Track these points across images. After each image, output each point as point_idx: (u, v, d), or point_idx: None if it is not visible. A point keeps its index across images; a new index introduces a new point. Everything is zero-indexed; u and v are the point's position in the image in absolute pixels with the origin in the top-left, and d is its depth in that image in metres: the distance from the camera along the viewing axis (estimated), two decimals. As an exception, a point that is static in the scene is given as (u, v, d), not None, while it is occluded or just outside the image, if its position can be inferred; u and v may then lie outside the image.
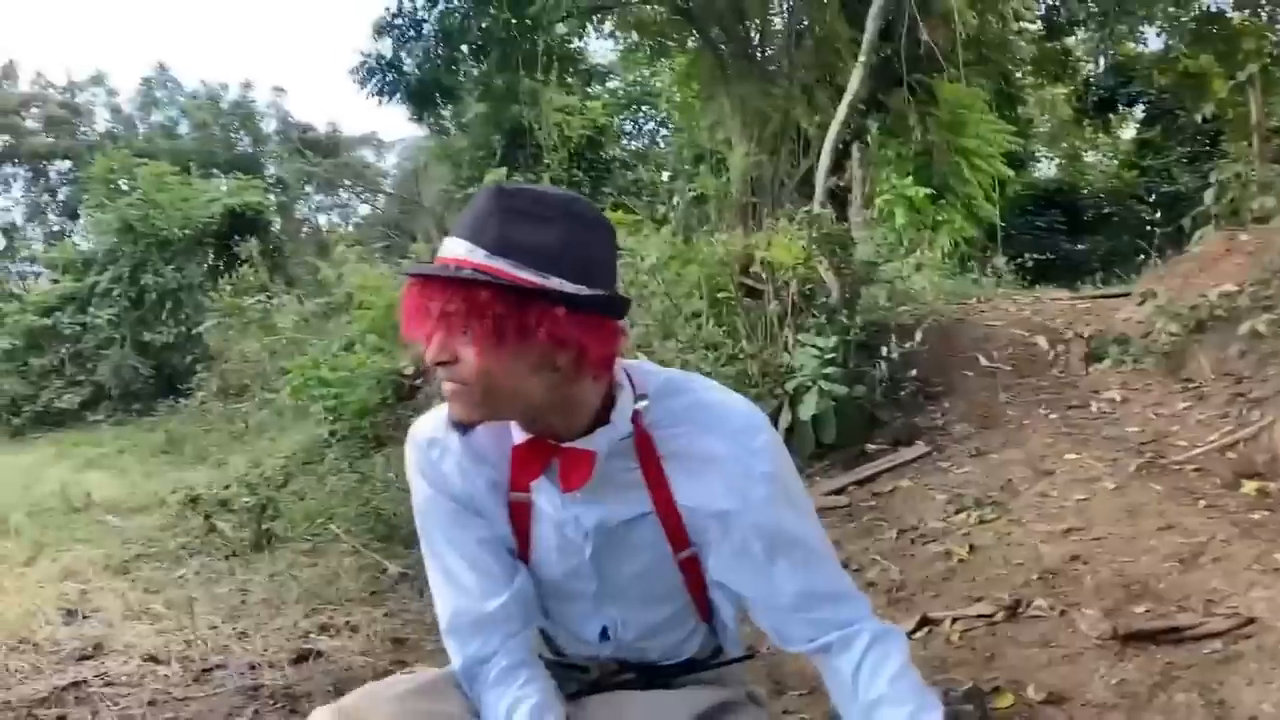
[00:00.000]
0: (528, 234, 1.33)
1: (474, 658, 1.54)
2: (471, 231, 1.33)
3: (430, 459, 1.53)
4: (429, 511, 1.57)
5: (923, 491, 4.77)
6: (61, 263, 16.87)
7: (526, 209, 1.35)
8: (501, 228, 1.32)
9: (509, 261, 1.31)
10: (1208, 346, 5.28)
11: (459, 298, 1.31)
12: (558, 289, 1.32)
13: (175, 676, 4.02)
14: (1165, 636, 3.00)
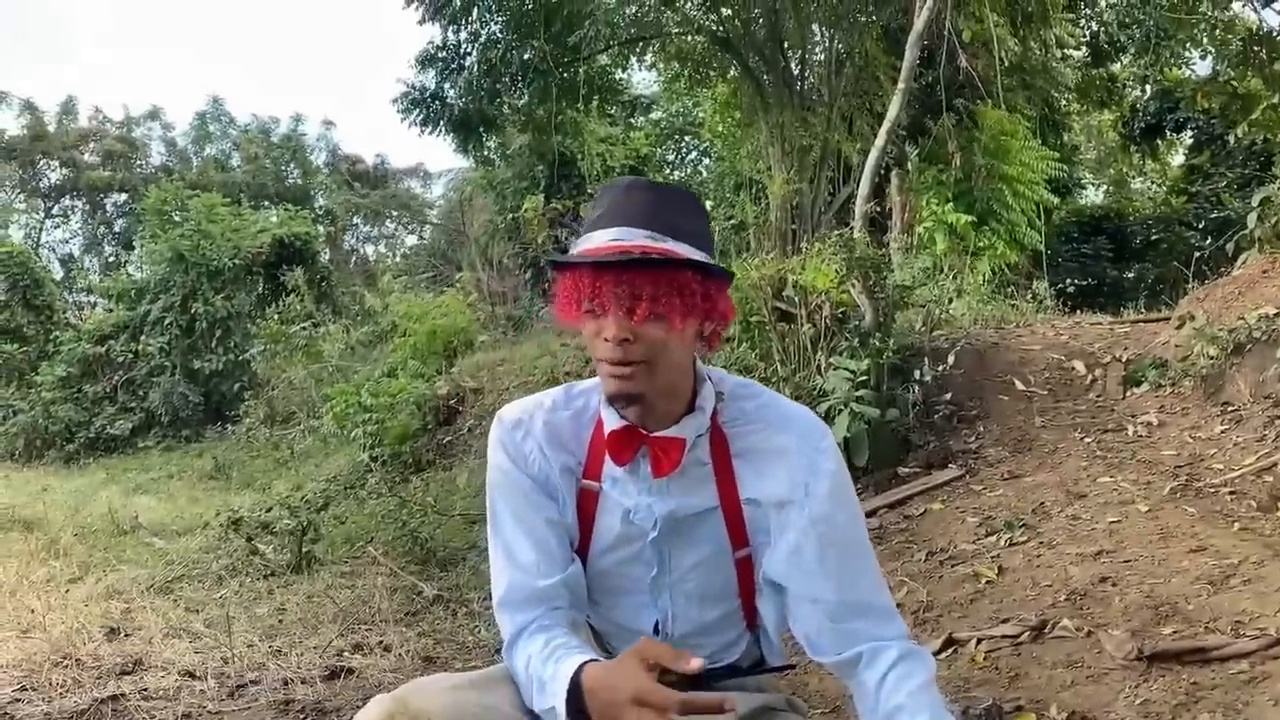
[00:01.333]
0: (687, 221, 1.51)
1: (521, 627, 1.58)
2: (646, 220, 1.48)
3: (515, 438, 1.64)
4: (503, 486, 1.64)
5: (954, 514, 4.74)
6: (115, 292, 17.29)
7: (677, 200, 1.53)
8: (671, 216, 1.49)
9: (687, 245, 1.47)
10: (1246, 369, 5.20)
11: (663, 280, 1.45)
12: (724, 269, 1.55)
13: (210, 692, 4.09)
14: (1191, 657, 2.96)
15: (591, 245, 1.47)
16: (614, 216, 1.48)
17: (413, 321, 12.59)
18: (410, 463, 9.47)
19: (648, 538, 1.61)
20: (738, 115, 17.59)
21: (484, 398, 10.26)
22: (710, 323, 1.56)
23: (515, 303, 18.29)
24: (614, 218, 1.48)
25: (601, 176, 17.55)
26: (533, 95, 13.90)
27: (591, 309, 1.49)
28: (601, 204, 1.52)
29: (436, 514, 7.42)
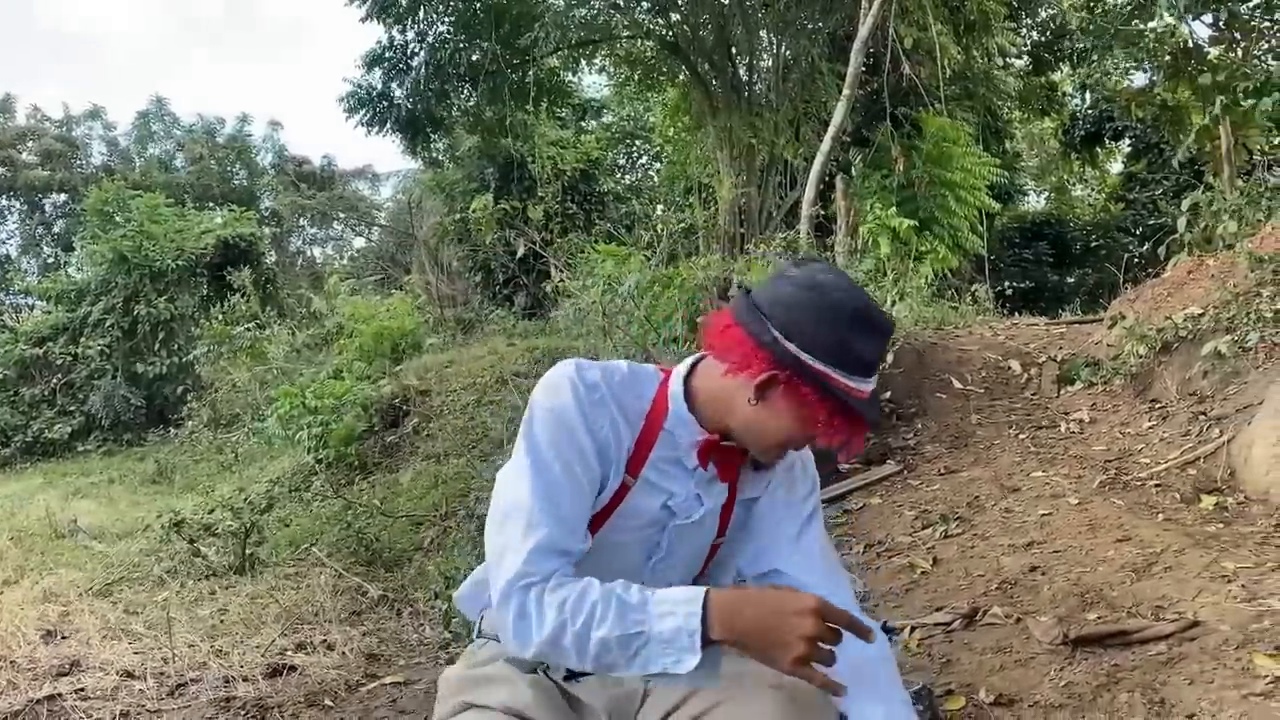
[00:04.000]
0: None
1: (546, 574, 1.54)
2: (876, 369, 1.63)
3: (591, 397, 1.63)
4: (562, 435, 1.60)
5: (892, 508, 4.84)
6: (54, 293, 16.94)
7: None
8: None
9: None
10: (1173, 367, 5.37)
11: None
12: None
13: (150, 691, 4.07)
14: (1113, 640, 3.06)
15: (860, 389, 1.58)
16: (870, 366, 1.60)
17: (359, 323, 12.51)
18: (356, 465, 9.41)
19: (670, 525, 1.71)
20: (687, 120, 17.72)
21: (431, 399, 10.22)
22: None
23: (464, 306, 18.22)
24: (870, 367, 1.60)
25: (552, 180, 17.55)
26: (481, 96, 13.90)
27: (822, 434, 1.60)
28: (871, 341, 1.59)
29: (382, 515, 7.39)
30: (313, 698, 3.85)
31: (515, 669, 1.71)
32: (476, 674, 1.74)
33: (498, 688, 1.69)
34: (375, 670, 4.25)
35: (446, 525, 6.85)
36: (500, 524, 1.58)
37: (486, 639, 1.80)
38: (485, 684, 1.71)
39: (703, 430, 1.67)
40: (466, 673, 1.75)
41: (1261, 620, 2.96)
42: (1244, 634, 2.91)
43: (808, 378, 1.55)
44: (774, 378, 1.57)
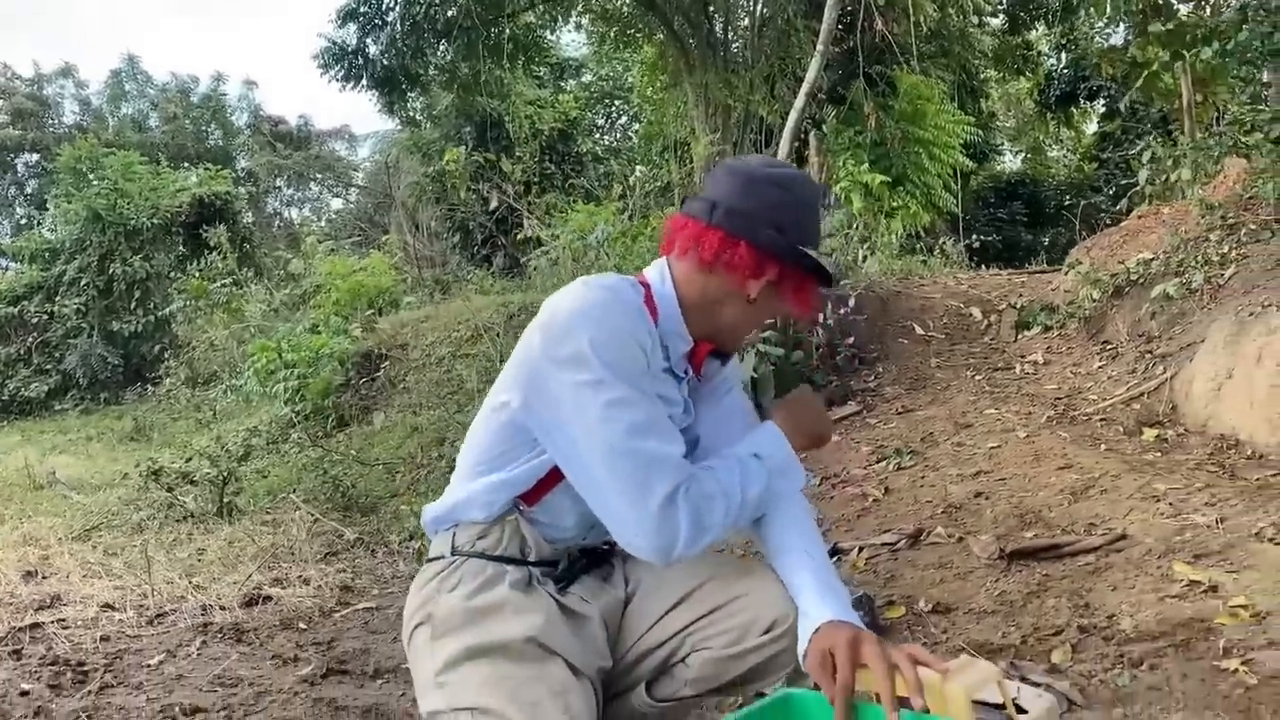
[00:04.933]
0: None
1: (689, 473, 1.57)
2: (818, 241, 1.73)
3: (635, 317, 1.60)
4: (629, 351, 1.57)
5: (850, 444, 5.00)
6: (28, 252, 16.86)
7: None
8: None
9: None
10: (1124, 310, 5.54)
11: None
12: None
13: (130, 620, 4.19)
14: (1046, 554, 3.24)
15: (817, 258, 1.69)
16: (812, 233, 1.71)
17: (337, 280, 12.56)
18: (333, 417, 9.50)
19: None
20: (663, 78, 17.71)
21: (407, 353, 10.31)
22: None
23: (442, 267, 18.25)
24: (811, 234, 1.70)
25: (529, 140, 17.53)
26: (457, 53, 13.84)
27: (789, 305, 1.71)
28: (811, 215, 1.71)
29: (359, 464, 7.51)
30: (287, 622, 3.98)
31: (516, 591, 1.66)
32: (480, 604, 1.64)
33: (509, 618, 1.62)
34: (349, 600, 4.39)
35: (421, 472, 6.98)
36: (625, 449, 1.51)
37: (466, 556, 1.70)
38: (496, 615, 1.63)
39: (690, 339, 1.71)
40: (468, 604, 1.64)
41: (1184, 533, 3.14)
42: (1166, 545, 3.08)
43: (808, 267, 1.67)
44: (782, 273, 1.66)
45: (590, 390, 1.53)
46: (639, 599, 1.76)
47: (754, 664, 1.68)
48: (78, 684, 3.25)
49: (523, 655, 1.59)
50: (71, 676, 3.33)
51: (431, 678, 1.61)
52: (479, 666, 1.58)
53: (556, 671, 1.59)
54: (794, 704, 1.61)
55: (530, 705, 1.53)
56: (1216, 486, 3.52)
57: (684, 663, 1.71)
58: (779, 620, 1.65)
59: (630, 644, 1.74)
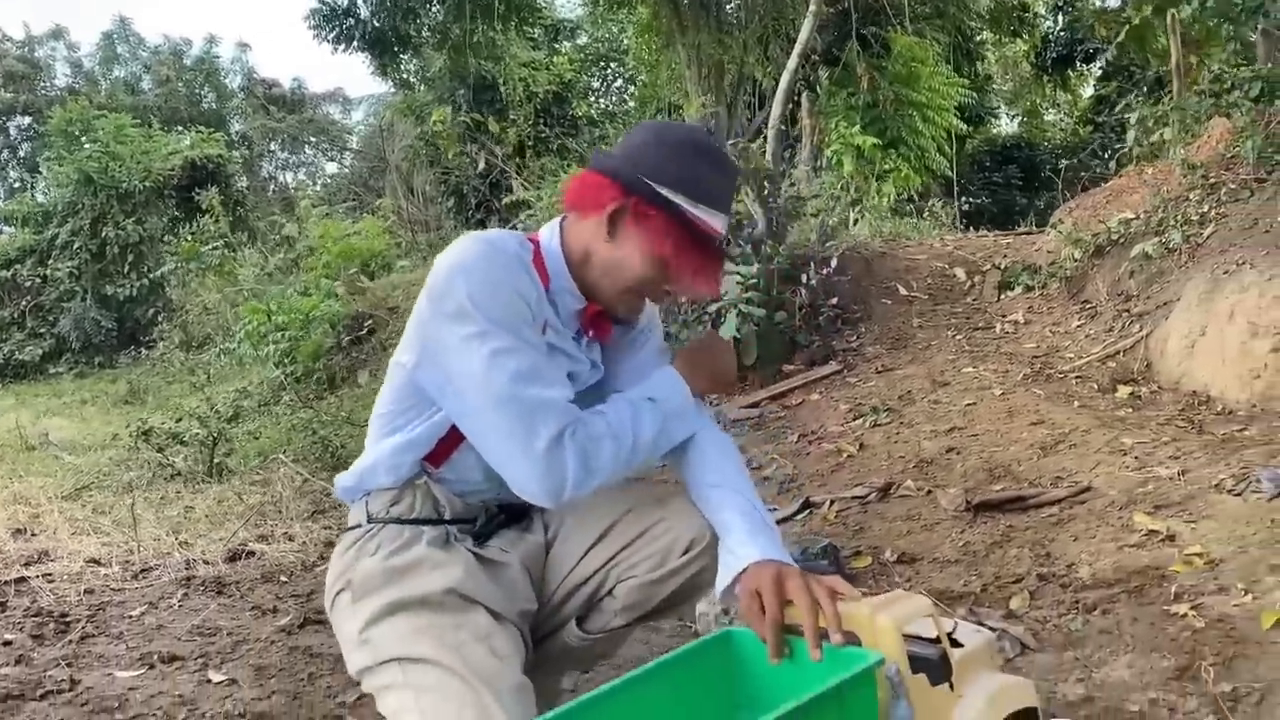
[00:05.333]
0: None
1: (575, 416, 1.58)
2: (727, 207, 1.70)
3: (517, 269, 1.62)
4: (513, 303, 1.58)
5: (829, 403, 5.05)
6: (20, 216, 16.81)
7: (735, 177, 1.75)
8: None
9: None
10: (1104, 269, 5.56)
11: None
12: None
13: (115, 575, 4.24)
14: (1011, 505, 3.29)
15: (707, 221, 1.65)
16: (715, 197, 1.66)
17: (329, 243, 12.55)
18: (324, 380, 9.55)
19: (573, 390, 1.74)
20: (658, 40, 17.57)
21: (400, 317, 10.34)
22: None
23: (437, 231, 18.20)
24: (715, 199, 1.66)
25: (524, 102, 17.43)
26: (448, 12, 13.72)
27: (672, 267, 1.66)
28: (716, 174, 1.67)
29: (349, 424, 7.55)
30: (269, 575, 4.04)
31: (433, 548, 1.68)
32: (398, 563, 1.65)
33: (427, 573, 1.64)
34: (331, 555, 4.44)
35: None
36: (510, 396, 1.53)
37: (382, 523, 1.71)
38: (414, 572, 1.64)
39: (582, 297, 1.71)
40: (386, 564, 1.64)
41: (1147, 485, 3.19)
42: (1129, 497, 3.14)
43: (656, 201, 1.62)
44: (623, 206, 1.63)
45: (474, 342, 1.54)
46: (560, 541, 1.79)
47: (678, 585, 1.72)
48: (60, 634, 3.30)
49: (443, 606, 1.61)
50: (54, 627, 3.39)
51: (355, 637, 1.63)
52: (401, 620, 1.60)
53: (479, 618, 1.62)
54: (734, 641, 1.65)
55: (454, 649, 1.55)
56: (1183, 441, 3.56)
57: (611, 594, 1.75)
58: (695, 540, 1.69)
59: (556, 584, 1.77)
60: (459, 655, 1.55)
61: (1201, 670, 2.11)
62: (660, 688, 1.54)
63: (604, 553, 1.75)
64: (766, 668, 1.61)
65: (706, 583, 1.72)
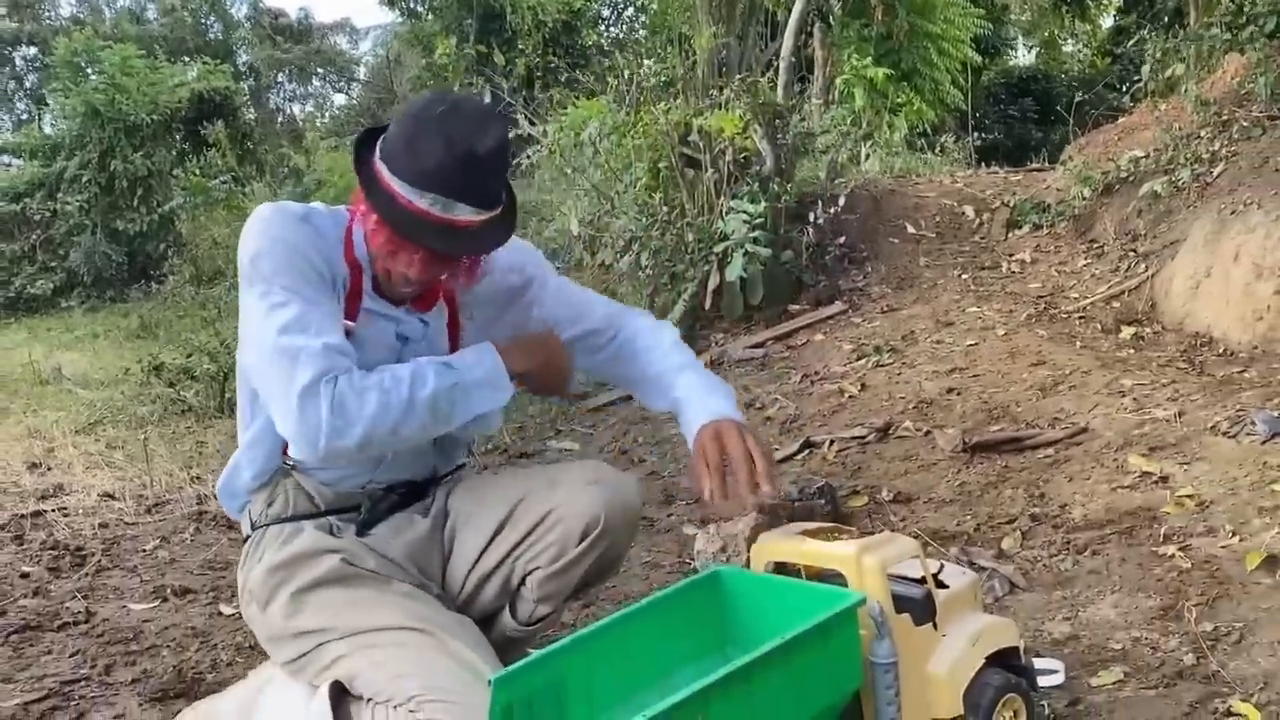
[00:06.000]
0: (494, 186, 1.59)
1: (343, 367, 1.53)
2: (478, 198, 1.54)
3: (305, 231, 1.59)
4: (293, 267, 1.55)
5: (833, 343, 5.07)
6: (28, 149, 16.75)
7: (496, 166, 1.56)
8: (488, 185, 1.56)
9: (492, 215, 1.58)
10: (1113, 208, 5.53)
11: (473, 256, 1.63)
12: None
13: (129, 509, 4.32)
14: (1008, 446, 3.33)
15: (426, 208, 1.51)
16: (434, 178, 1.51)
17: (337, 176, 12.50)
18: (333, 314, 9.58)
19: (406, 348, 1.71)
20: (669, -33, 17.23)
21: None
22: None
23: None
24: (433, 179, 1.51)
25: (533, 31, 17.18)
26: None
27: (404, 267, 1.58)
28: (434, 150, 1.50)
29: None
30: (281, 511, 4.11)
31: (318, 534, 1.68)
32: (284, 558, 1.66)
33: (315, 560, 1.65)
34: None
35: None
36: (275, 347, 1.50)
37: (263, 527, 1.72)
38: (302, 562, 1.65)
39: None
40: (275, 561, 1.66)
41: (1143, 427, 3.22)
42: (1125, 438, 3.17)
43: (368, 177, 1.54)
44: (361, 181, 1.56)
45: (257, 301, 1.53)
46: (460, 531, 1.78)
47: (584, 570, 1.72)
48: (75, 567, 3.39)
49: (348, 579, 1.64)
50: (70, 560, 3.47)
51: (274, 637, 1.66)
52: (313, 604, 1.62)
53: (387, 585, 1.66)
54: (723, 580, 1.70)
55: (386, 606, 1.60)
56: (1182, 382, 3.58)
57: (523, 585, 1.75)
58: (589, 526, 1.68)
59: (463, 576, 1.77)
60: (393, 611, 1.59)
61: (1185, 610, 2.15)
62: (651, 624, 1.59)
63: (503, 545, 1.73)
64: (754, 606, 1.67)
65: (611, 561, 1.77)
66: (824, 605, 1.50)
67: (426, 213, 1.51)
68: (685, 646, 1.62)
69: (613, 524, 1.69)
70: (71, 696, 2.32)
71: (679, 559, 2.91)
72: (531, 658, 1.45)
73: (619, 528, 1.72)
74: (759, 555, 1.74)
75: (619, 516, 1.71)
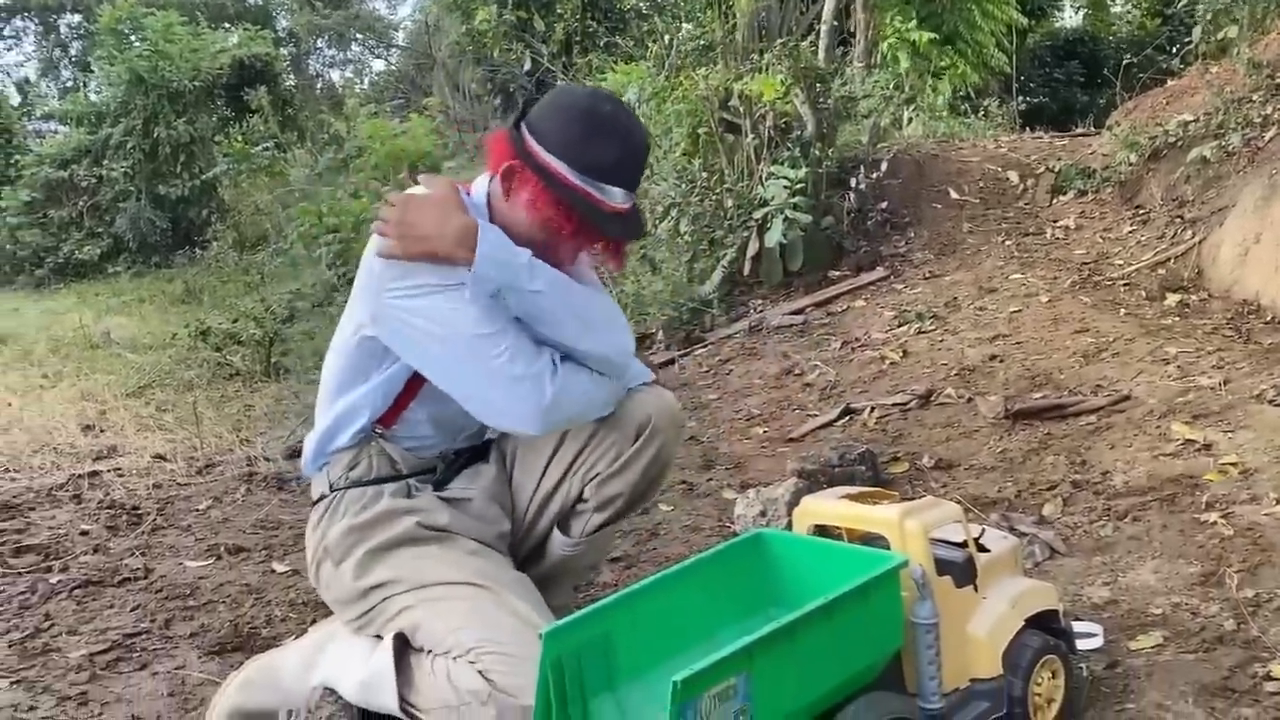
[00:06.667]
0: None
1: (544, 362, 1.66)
2: (617, 180, 1.68)
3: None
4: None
5: (874, 310, 5.06)
6: (74, 115, 16.95)
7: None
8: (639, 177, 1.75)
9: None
10: (1160, 173, 5.45)
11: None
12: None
13: (180, 470, 4.43)
14: (1050, 413, 3.32)
15: (593, 192, 1.65)
16: (607, 171, 1.66)
17: (377, 144, 12.55)
18: (377, 281, 9.65)
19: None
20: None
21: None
22: None
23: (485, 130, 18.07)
24: (606, 173, 1.66)
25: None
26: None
27: (572, 250, 1.73)
28: (606, 144, 1.65)
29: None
30: (327, 472, 4.19)
31: (396, 498, 1.78)
32: (367, 518, 1.75)
33: (397, 519, 1.74)
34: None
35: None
36: (490, 336, 1.62)
37: (342, 490, 1.79)
38: (383, 523, 1.74)
39: None
40: (355, 522, 1.75)
41: (1187, 394, 3.20)
42: (1168, 406, 3.15)
43: (535, 167, 1.64)
44: (512, 167, 1.67)
45: (431, 294, 1.63)
46: (519, 463, 1.89)
47: (641, 468, 1.81)
48: (132, 525, 3.49)
49: (422, 539, 1.73)
50: (127, 519, 3.58)
51: (343, 594, 1.75)
52: (387, 562, 1.71)
53: (461, 542, 1.75)
54: (765, 542, 1.74)
55: (451, 564, 1.69)
56: (1228, 350, 3.56)
57: (582, 498, 1.85)
58: (643, 423, 1.80)
59: (526, 502, 1.88)
60: (457, 568, 1.68)
61: (1226, 576, 2.16)
62: (694, 584, 1.63)
63: (563, 461, 1.84)
64: (795, 568, 1.70)
65: (665, 463, 1.85)
66: (866, 567, 1.53)
67: (603, 203, 1.66)
68: (728, 606, 1.65)
69: (662, 423, 1.81)
70: (134, 649, 2.40)
71: (719, 523, 2.95)
72: (580, 613, 1.50)
73: (668, 427, 1.82)
74: (801, 518, 1.77)
75: (667, 417, 1.83)
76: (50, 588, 2.81)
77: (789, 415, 4.02)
